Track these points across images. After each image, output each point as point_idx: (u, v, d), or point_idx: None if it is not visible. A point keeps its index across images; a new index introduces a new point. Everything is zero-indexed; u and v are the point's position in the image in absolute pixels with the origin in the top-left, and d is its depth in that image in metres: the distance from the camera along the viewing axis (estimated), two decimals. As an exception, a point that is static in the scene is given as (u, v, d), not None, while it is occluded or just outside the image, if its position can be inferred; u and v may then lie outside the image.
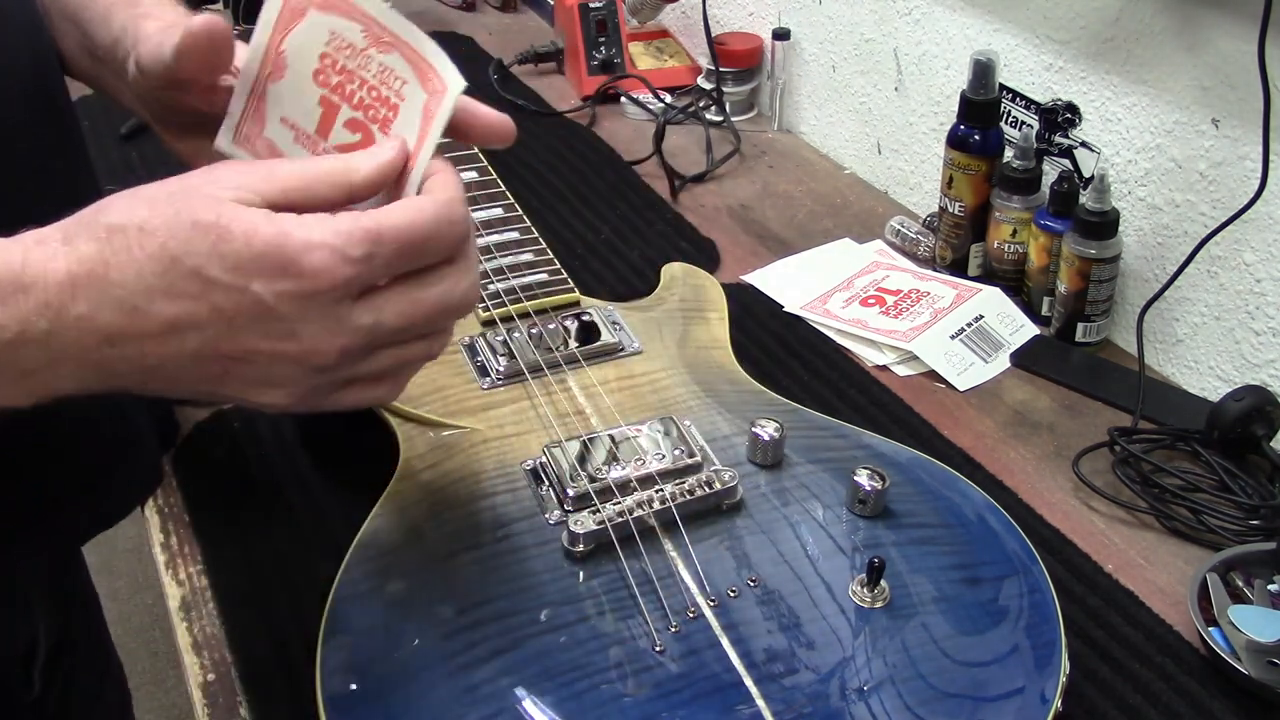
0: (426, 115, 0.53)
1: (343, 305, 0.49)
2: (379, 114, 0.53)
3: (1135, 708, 0.64)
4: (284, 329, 0.48)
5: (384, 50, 0.52)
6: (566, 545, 0.65)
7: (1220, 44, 0.84)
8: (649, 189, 1.19)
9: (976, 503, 0.71)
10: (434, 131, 0.52)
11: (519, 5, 1.72)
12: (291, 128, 0.55)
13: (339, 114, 0.54)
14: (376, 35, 0.52)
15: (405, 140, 0.52)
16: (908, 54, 1.15)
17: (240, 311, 0.48)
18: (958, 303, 0.98)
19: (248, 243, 0.47)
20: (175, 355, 0.48)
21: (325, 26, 0.53)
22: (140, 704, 0.87)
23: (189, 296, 0.47)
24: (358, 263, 0.48)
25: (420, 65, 0.52)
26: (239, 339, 0.48)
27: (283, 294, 0.47)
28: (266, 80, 0.55)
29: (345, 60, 0.53)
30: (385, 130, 0.53)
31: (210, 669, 0.67)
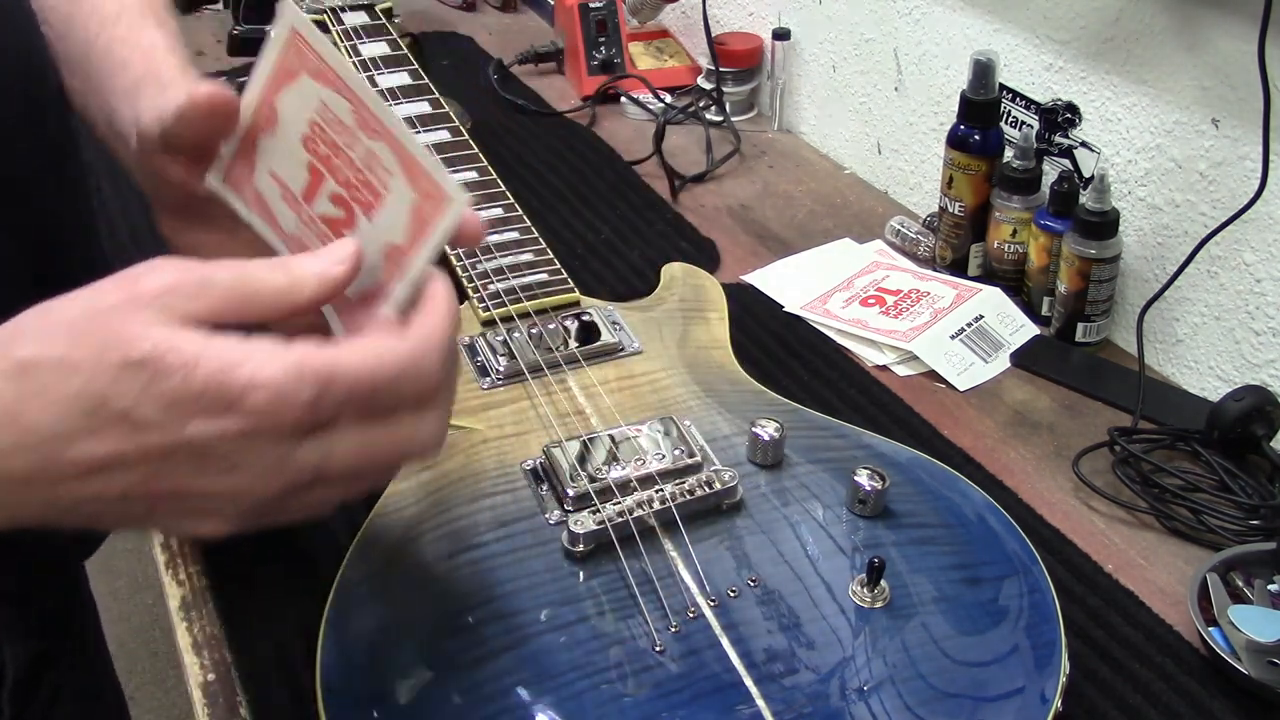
0: (420, 220, 0.49)
1: (286, 444, 0.44)
2: (362, 196, 0.51)
3: (1135, 708, 0.64)
4: (221, 467, 0.44)
5: (371, 137, 0.50)
6: (566, 545, 0.65)
7: (1220, 44, 0.84)
8: (649, 189, 1.19)
9: (976, 503, 0.71)
10: (430, 242, 0.49)
11: (519, 5, 1.72)
12: (279, 184, 0.53)
13: (324, 184, 0.52)
14: (364, 120, 0.50)
15: (360, 251, 0.48)
16: (908, 54, 1.15)
17: (174, 452, 0.43)
18: (958, 303, 0.98)
19: (185, 379, 0.42)
20: (97, 496, 0.44)
21: (317, 95, 0.51)
22: (140, 704, 0.87)
23: (116, 438, 0.43)
24: (305, 406, 0.43)
25: (410, 165, 0.49)
26: (171, 478, 0.44)
27: (223, 434, 0.43)
28: (259, 130, 0.53)
29: (334, 134, 0.51)
30: (369, 214, 0.50)
31: (210, 669, 0.67)
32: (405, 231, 0.49)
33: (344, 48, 1.06)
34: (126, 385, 0.42)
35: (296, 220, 0.53)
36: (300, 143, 0.52)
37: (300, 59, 0.51)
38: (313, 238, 0.53)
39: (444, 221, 0.48)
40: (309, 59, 0.51)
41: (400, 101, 0.97)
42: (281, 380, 0.43)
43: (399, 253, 0.49)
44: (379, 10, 1.13)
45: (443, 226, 0.48)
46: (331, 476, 0.46)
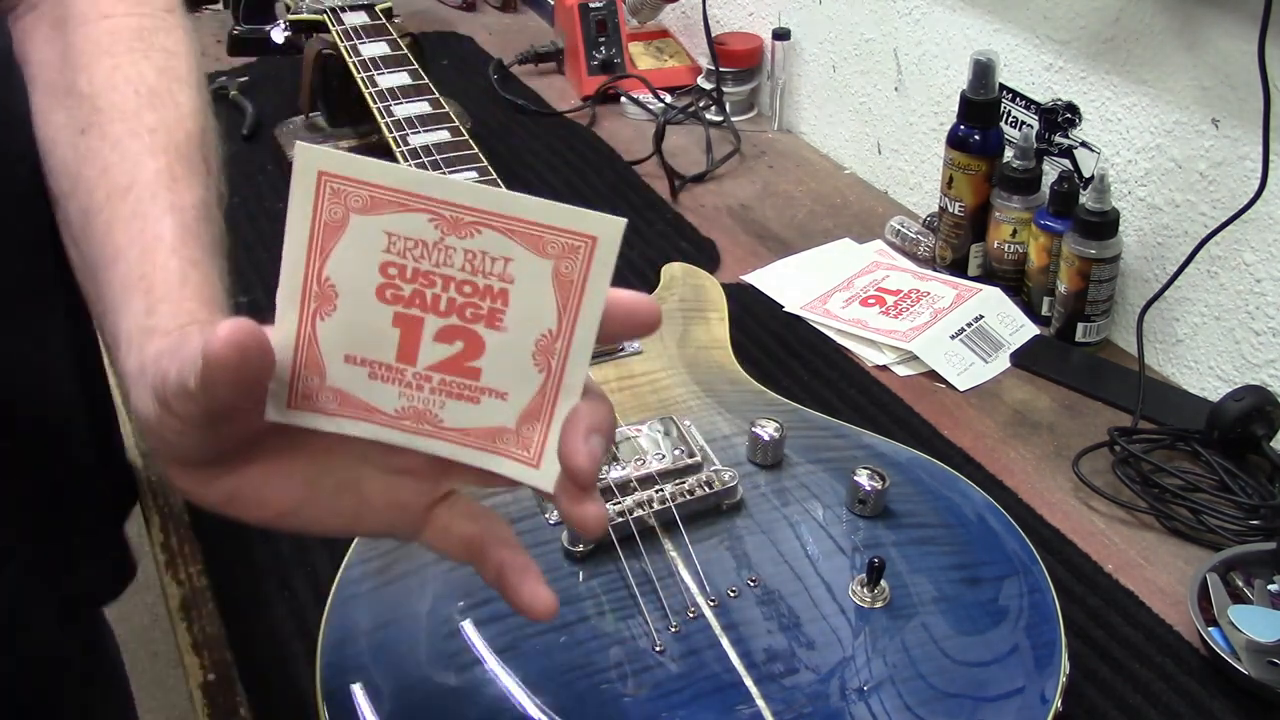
0: (566, 284, 0.41)
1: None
2: (481, 309, 0.42)
3: (1135, 708, 0.64)
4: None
5: (468, 235, 0.41)
6: (567, 545, 0.65)
7: (1220, 44, 0.84)
8: (649, 189, 1.19)
9: (976, 503, 0.71)
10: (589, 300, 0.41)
11: (519, 5, 1.72)
12: (364, 364, 0.43)
13: (424, 327, 0.42)
14: (452, 220, 0.41)
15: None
16: (908, 54, 1.15)
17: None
18: (958, 303, 0.98)
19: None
20: None
21: (378, 230, 0.41)
22: (140, 704, 0.87)
23: None
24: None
25: (530, 232, 0.41)
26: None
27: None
28: (313, 320, 0.42)
29: (418, 262, 0.41)
30: (495, 325, 0.42)
31: (210, 669, 0.67)
32: (553, 310, 0.41)
33: (344, 47, 1.06)
34: None
35: (399, 392, 0.43)
36: (375, 299, 0.42)
37: (341, 202, 0.41)
38: (430, 398, 0.43)
39: (597, 265, 0.41)
40: (353, 194, 0.41)
41: (400, 101, 0.97)
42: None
43: (551, 338, 0.42)
44: (379, 10, 1.13)
45: (599, 272, 0.41)
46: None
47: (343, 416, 0.44)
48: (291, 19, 1.19)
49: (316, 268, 0.42)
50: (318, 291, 0.42)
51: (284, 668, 0.66)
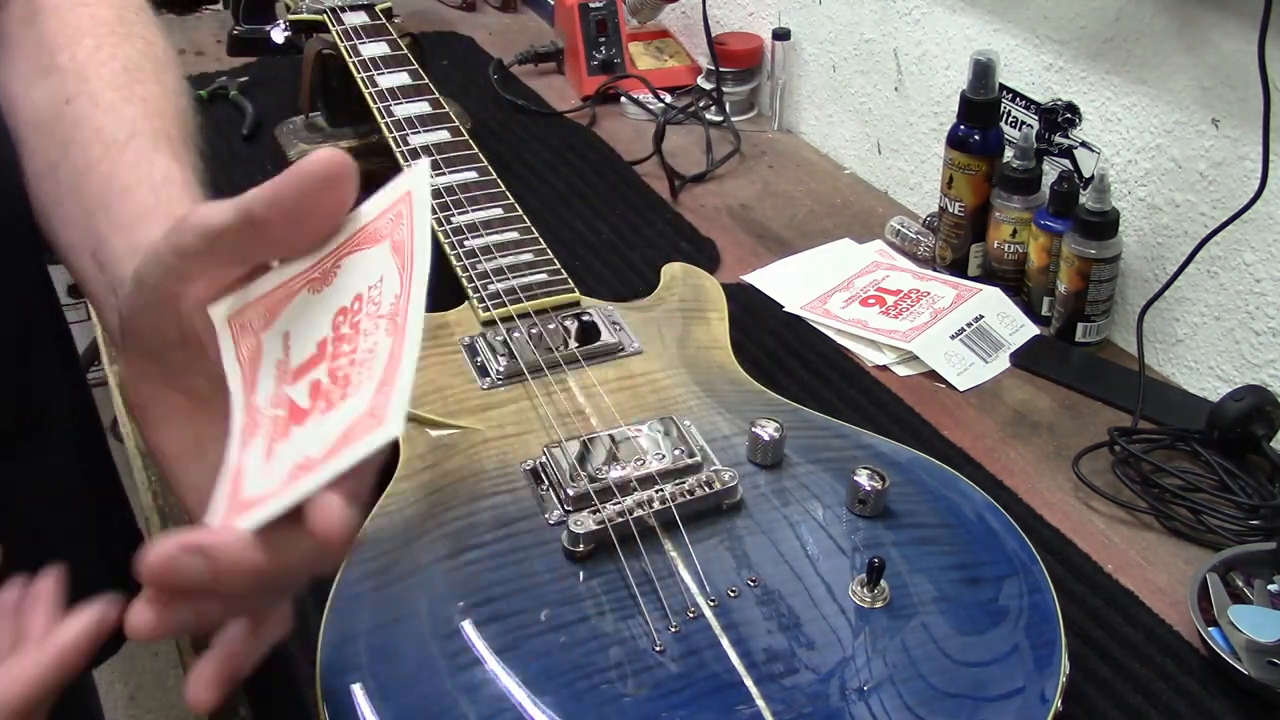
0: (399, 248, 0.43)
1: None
2: (334, 395, 0.43)
3: (1135, 708, 0.64)
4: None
5: (389, 332, 0.42)
6: (566, 545, 0.65)
7: (1220, 44, 0.84)
8: (649, 189, 1.19)
9: (976, 503, 0.71)
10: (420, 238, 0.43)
11: (519, 5, 1.72)
12: (285, 348, 0.46)
13: (319, 366, 0.44)
14: (396, 311, 0.42)
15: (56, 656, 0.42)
16: (908, 54, 1.15)
17: None
18: (958, 303, 0.98)
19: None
20: None
21: (380, 269, 0.43)
22: (140, 704, 0.87)
23: None
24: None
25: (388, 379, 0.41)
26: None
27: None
28: (310, 279, 0.45)
29: (364, 316, 0.44)
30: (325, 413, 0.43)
31: (210, 669, 0.67)
32: (397, 277, 0.43)
33: (344, 47, 1.06)
34: None
35: (270, 397, 0.45)
36: (332, 313, 0.45)
37: (394, 225, 0.44)
38: (266, 427, 0.45)
39: (418, 213, 0.43)
40: (400, 228, 0.44)
41: (400, 101, 0.97)
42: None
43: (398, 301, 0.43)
44: (379, 10, 1.13)
45: (420, 217, 0.43)
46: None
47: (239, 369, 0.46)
48: (291, 19, 1.20)
49: (348, 248, 0.45)
50: (329, 265, 0.45)
51: (284, 668, 0.65)
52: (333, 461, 0.41)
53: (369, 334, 0.43)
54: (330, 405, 0.43)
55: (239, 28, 1.49)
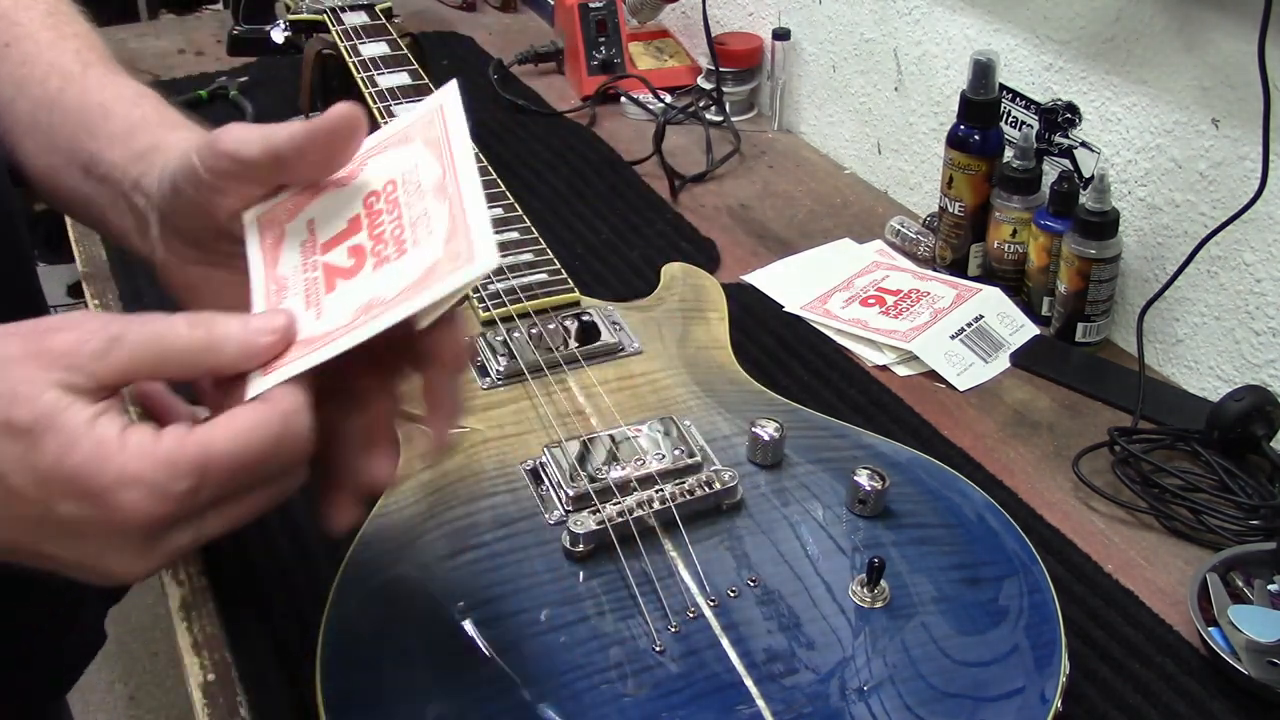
0: (433, 143, 0.50)
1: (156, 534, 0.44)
2: (385, 251, 0.49)
3: (1135, 708, 0.64)
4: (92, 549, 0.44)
5: (438, 199, 0.48)
6: (566, 545, 0.65)
7: (1220, 44, 0.84)
8: (649, 189, 1.19)
9: (976, 503, 0.71)
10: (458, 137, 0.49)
11: (519, 5, 1.72)
12: (309, 231, 0.52)
13: (354, 236, 0.50)
14: (444, 184, 0.49)
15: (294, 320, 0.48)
16: (908, 54, 1.15)
17: (43, 524, 0.43)
18: (958, 303, 0.98)
19: (59, 460, 0.42)
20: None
21: (415, 158, 0.51)
22: (140, 704, 0.87)
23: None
24: (177, 499, 0.43)
25: (457, 228, 0.47)
26: (42, 546, 0.44)
27: (89, 520, 0.43)
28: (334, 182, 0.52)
29: (402, 193, 0.50)
30: (379, 266, 0.48)
31: (210, 669, 0.67)
32: (436, 163, 0.50)
33: (344, 47, 1.06)
34: (5, 449, 0.42)
35: (297, 265, 0.51)
36: (361, 196, 0.51)
37: (426, 129, 0.51)
38: (299, 284, 0.50)
39: (451, 119, 0.50)
40: (434, 129, 0.51)
41: (400, 101, 0.97)
42: (153, 477, 0.42)
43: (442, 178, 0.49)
44: (379, 10, 1.13)
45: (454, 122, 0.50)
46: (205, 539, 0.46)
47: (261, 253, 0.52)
48: (291, 19, 1.20)
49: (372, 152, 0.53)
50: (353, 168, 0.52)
51: (284, 668, 0.66)
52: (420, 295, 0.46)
53: (413, 205, 0.49)
54: (385, 260, 0.48)
55: (239, 28, 1.49)
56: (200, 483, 0.43)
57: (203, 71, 1.44)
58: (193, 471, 0.43)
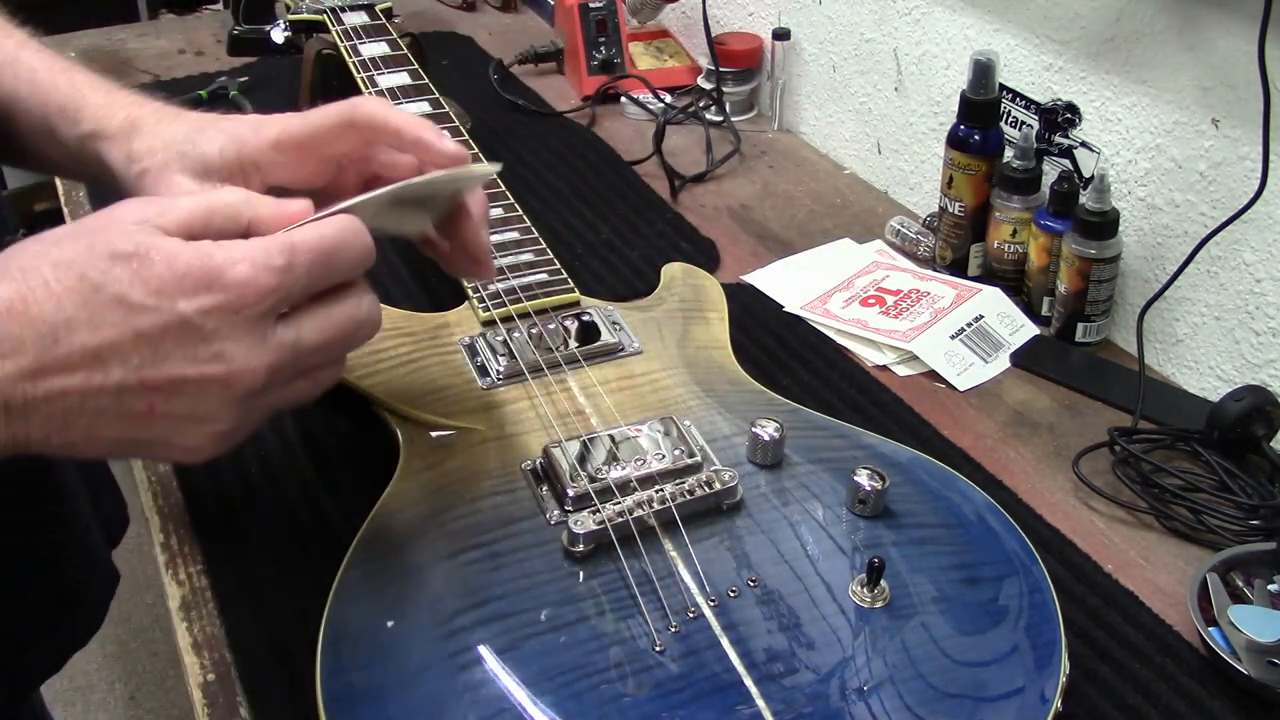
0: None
1: (265, 321, 0.49)
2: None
3: (1135, 708, 0.64)
4: (211, 351, 0.48)
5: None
6: (566, 545, 0.65)
7: (1220, 44, 0.84)
8: (649, 189, 1.19)
9: (976, 503, 0.71)
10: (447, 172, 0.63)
11: (519, 5, 1.72)
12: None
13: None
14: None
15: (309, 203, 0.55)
16: (908, 54, 1.15)
17: (166, 334, 0.47)
18: (958, 303, 0.98)
19: (169, 265, 0.47)
20: (98, 390, 0.47)
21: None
22: (140, 704, 0.87)
23: (111, 324, 0.46)
24: (278, 272, 0.49)
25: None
26: (165, 366, 0.47)
27: (209, 310, 0.47)
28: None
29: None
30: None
31: (210, 669, 0.67)
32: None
33: (344, 47, 1.06)
34: (117, 272, 0.47)
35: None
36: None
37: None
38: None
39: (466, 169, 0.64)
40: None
41: (400, 101, 0.97)
42: (253, 254, 0.49)
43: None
44: (379, 10, 1.13)
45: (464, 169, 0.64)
46: (303, 357, 0.52)
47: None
48: (291, 19, 1.20)
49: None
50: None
51: (284, 668, 0.66)
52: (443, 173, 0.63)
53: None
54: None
55: (239, 28, 1.48)
56: (292, 260, 0.49)
57: (203, 71, 1.44)
58: (284, 250, 0.49)
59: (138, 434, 0.49)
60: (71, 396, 0.47)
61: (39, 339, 0.46)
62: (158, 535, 0.77)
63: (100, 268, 0.47)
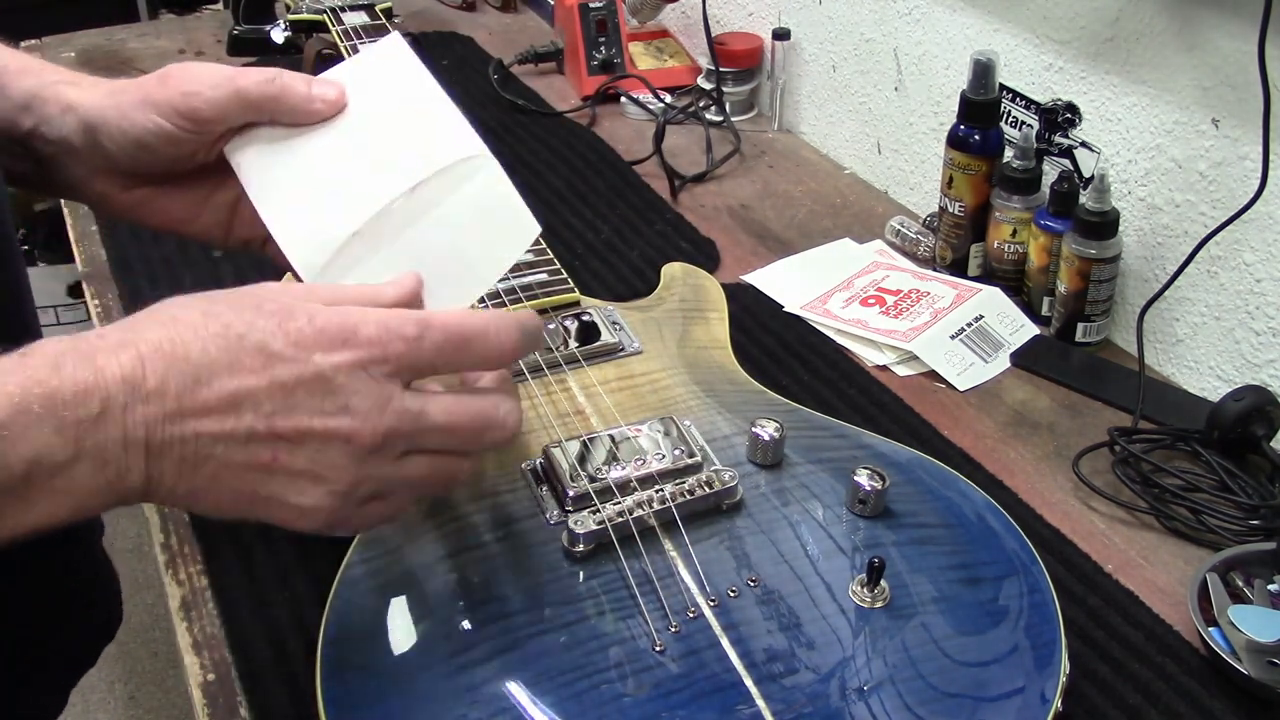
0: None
1: (393, 383, 0.51)
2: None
3: (1135, 708, 0.64)
4: (337, 404, 0.50)
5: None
6: (566, 545, 0.65)
7: (1220, 44, 0.84)
8: (649, 189, 1.19)
9: (976, 503, 0.71)
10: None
11: (519, 5, 1.72)
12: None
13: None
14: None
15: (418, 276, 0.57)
16: (908, 54, 1.15)
17: (299, 384, 0.49)
18: (958, 303, 0.98)
19: (310, 320, 0.50)
20: (229, 435, 0.48)
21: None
22: (140, 704, 0.87)
23: (250, 370, 0.48)
24: (408, 340, 0.51)
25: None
26: (294, 416, 0.49)
27: (340, 365, 0.49)
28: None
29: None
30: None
31: (210, 669, 0.67)
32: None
33: (344, 47, 1.06)
34: (262, 324, 0.49)
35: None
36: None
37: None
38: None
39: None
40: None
41: (400, 101, 0.97)
42: (387, 317, 0.51)
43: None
44: (379, 10, 1.13)
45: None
46: (426, 433, 0.52)
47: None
48: (291, 19, 1.20)
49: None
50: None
51: (284, 668, 0.66)
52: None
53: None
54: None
55: (239, 28, 1.49)
56: (422, 332, 0.51)
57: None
58: (418, 322, 0.51)
59: (257, 487, 0.50)
60: (204, 439, 0.48)
61: (182, 379, 0.47)
62: (158, 535, 0.77)
63: (247, 319, 0.49)
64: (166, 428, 0.47)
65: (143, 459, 0.47)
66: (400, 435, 0.51)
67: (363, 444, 0.50)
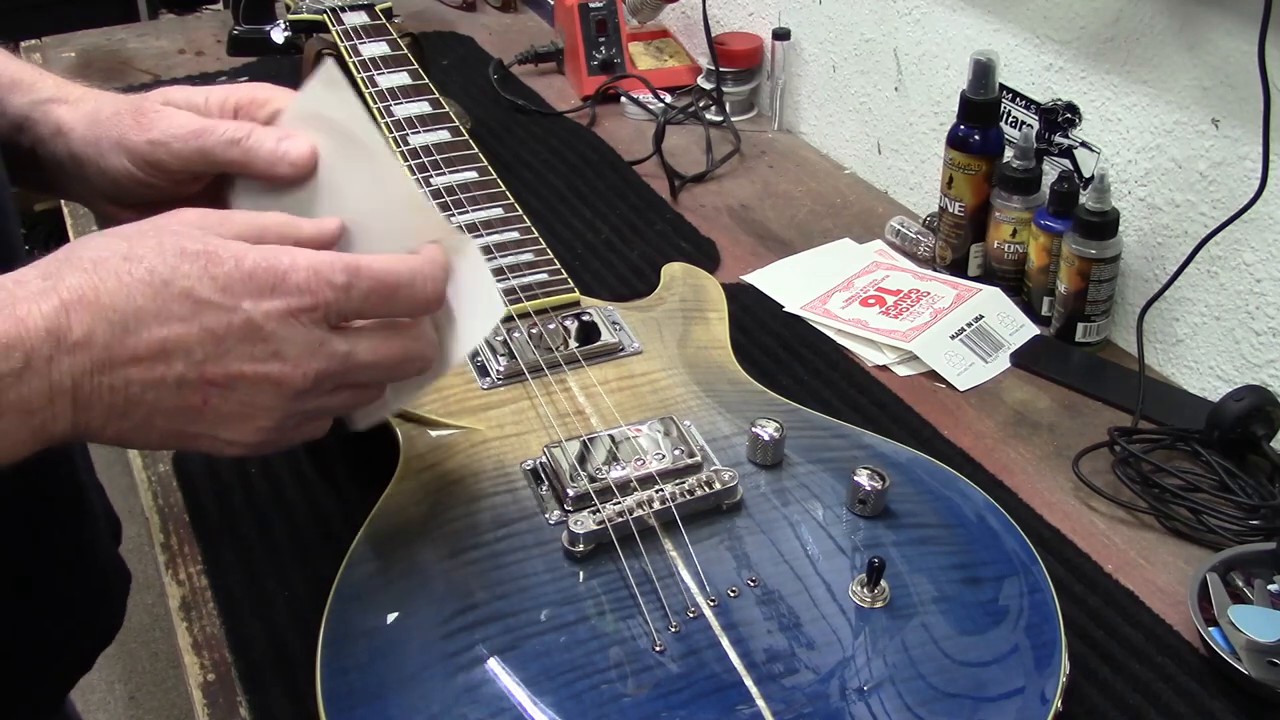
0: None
1: (322, 328, 0.52)
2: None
3: (1135, 708, 0.64)
4: (268, 350, 0.50)
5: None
6: (566, 545, 0.65)
7: (1220, 44, 0.84)
8: (649, 189, 1.19)
9: (976, 503, 0.71)
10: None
11: (519, 5, 1.72)
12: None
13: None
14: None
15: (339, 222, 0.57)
16: (908, 54, 1.15)
17: (229, 332, 0.49)
18: (958, 303, 0.98)
19: (238, 264, 0.49)
20: (159, 381, 0.49)
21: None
22: (140, 704, 0.87)
23: (179, 318, 0.48)
24: (337, 289, 0.51)
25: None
26: (225, 362, 0.50)
27: (270, 312, 0.50)
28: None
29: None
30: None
31: (210, 669, 0.67)
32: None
33: (344, 47, 1.06)
34: (186, 268, 0.49)
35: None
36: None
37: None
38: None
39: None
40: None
41: (400, 101, 0.97)
42: (317, 263, 0.51)
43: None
44: (379, 10, 1.13)
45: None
46: (353, 369, 0.53)
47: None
48: (291, 19, 1.19)
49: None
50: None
51: (284, 668, 0.66)
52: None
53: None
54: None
55: (239, 28, 1.49)
56: (352, 280, 0.51)
57: (203, 71, 1.44)
58: (347, 269, 0.51)
59: (187, 426, 0.51)
60: (134, 387, 0.48)
61: (109, 329, 0.47)
62: (158, 535, 0.77)
63: (170, 263, 0.48)
64: (95, 377, 0.47)
65: (70, 408, 0.47)
66: (329, 375, 0.52)
67: (293, 386, 0.51)
